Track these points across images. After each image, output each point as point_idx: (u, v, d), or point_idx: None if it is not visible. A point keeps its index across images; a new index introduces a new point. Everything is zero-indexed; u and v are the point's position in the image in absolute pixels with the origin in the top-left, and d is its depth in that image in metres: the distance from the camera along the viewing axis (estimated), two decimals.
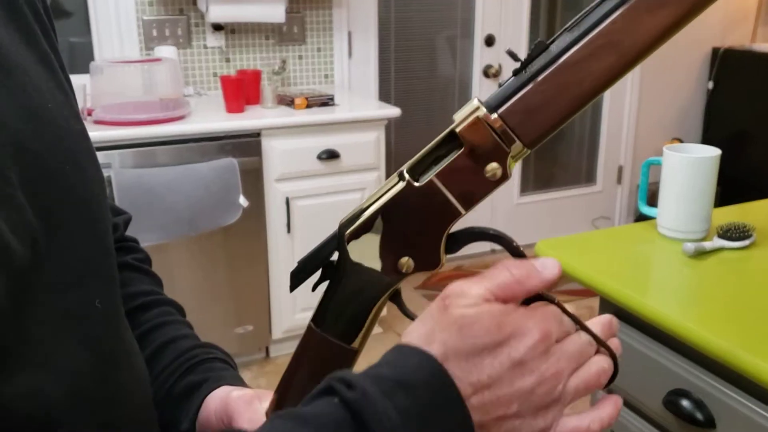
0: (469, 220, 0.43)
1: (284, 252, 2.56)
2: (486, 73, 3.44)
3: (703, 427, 0.99)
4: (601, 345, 0.48)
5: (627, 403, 1.16)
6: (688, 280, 1.17)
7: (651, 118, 3.86)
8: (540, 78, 0.45)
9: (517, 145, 0.46)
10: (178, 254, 2.39)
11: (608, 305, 1.17)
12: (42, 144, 0.48)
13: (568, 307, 0.47)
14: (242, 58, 2.90)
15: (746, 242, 1.22)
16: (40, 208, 0.46)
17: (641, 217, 1.37)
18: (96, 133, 2.22)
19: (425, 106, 3.42)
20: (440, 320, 0.44)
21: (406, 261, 0.49)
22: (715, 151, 1.24)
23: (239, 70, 2.79)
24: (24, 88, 0.48)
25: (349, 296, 0.51)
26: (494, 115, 0.45)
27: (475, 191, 0.47)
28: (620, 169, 3.92)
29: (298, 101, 2.55)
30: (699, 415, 0.99)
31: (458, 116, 0.46)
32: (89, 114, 2.35)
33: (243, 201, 2.37)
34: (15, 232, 0.43)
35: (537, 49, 0.45)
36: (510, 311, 0.44)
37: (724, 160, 1.24)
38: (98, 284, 0.52)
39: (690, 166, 1.23)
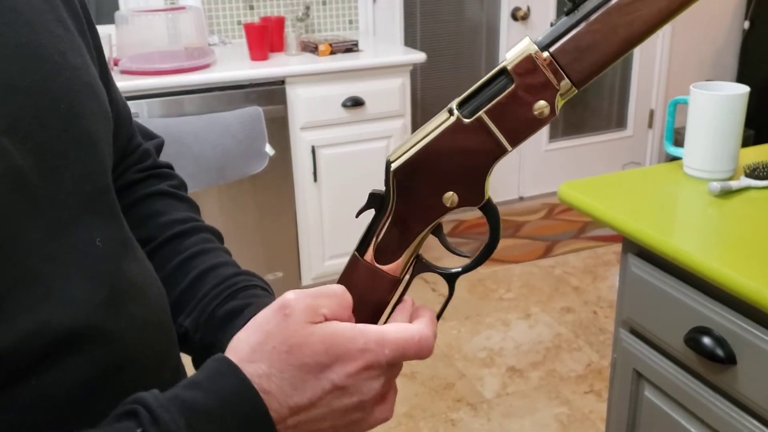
0: (496, 168, 0.44)
1: (311, 200, 2.58)
2: (514, 15, 3.36)
3: (724, 363, 0.99)
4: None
5: (648, 341, 1.17)
6: (713, 219, 1.16)
7: (684, 60, 3.77)
8: (592, 18, 0.45)
9: (566, 84, 0.47)
10: (208, 203, 2.43)
11: (631, 245, 1.17)
12: (33, 81, 0.47)
13: (595, 252, 0.48)
14: (266, 5, 2.88)
15: None
16: (33, 146, 0.46)
17: (671, 161, 1.35)
18: (123, 83, 2.23)
19: (451, 51, 3.38)
20: (274, 333, 0.45)
21: (450, 196, 0.50)
22: (743, 89, 1.21)
23: (263, 17, 2.78)
24: (12, 25, 0.47)
25: (393, 228, 0.52)
26: (546, 54, 0.46)
27: (523, 128, 0.48)
28: (651, 113, 3.85)
29: (321, 48, 2.53)
30: (720, 352, 1.00)
31: (510, 54, 0.47)
32: (116, 64, 2.37)
33: (269, 149, 2.38)
34: None
35: None
36: (341, 334, 0.46)
37: (759, 103, 1.21)
38: (97, 222, 0.52)
39: (717, 105, 1.20)
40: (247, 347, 0.45)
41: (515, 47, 0.47)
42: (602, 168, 3.78)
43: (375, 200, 0.52)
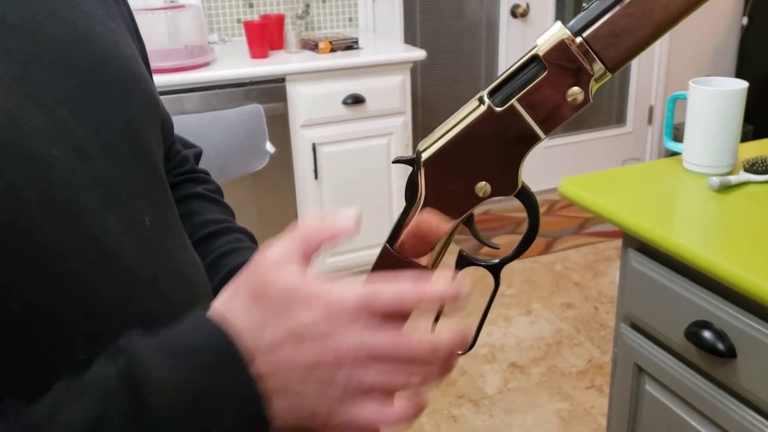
0: None
1: (312, 198, 2.58)
2: (514, 12, 3.37)
3: (724, 357, 1.00)
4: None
5: (649, 336, 1.18)
6: (713, 213, 1.16)
7: (683, 56, 3.77)
8: (627, 1, 0.44)
9: (600, 68, 0.45)
10: None
11: (632, 240, 1.18)
12: (89, 63, 0.50)
13: (595, 248, 0.48)
14: (265, 3, 2.88)
15: None
16: (88, 123, 0.49)
17: (670, 156, 1.36)
18: None
19: (451, 48, 3.38)
20: (244, 283, 0.46)
21: (483, 186, 0.49)
22: (741, 84, 1.22)
23: (263, 15, 2.78)
24: (71, 12, 0.51)
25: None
26: (579, 39, 0.45)
27: (556, 115, 0.47)
28: (651, 109, 3.85)
29: (321, 45, 2.54)
30: (720, 346, 1.00)
31: (541, 40, 0.46)
32: None
33: (270, 147, 2.39)
34: (57, 143, 0.45)
35: None
36: (304, 282, 0.45)
37: (758, 99, 1.22)
38: (146, 203, 0.54)
39: (716, 100, 1.21)
40: (223, 297, 0.47)
41: (546, 32, 0.46)
42: (602, 164, 3.79)
43: (411, 187, 0.50)
